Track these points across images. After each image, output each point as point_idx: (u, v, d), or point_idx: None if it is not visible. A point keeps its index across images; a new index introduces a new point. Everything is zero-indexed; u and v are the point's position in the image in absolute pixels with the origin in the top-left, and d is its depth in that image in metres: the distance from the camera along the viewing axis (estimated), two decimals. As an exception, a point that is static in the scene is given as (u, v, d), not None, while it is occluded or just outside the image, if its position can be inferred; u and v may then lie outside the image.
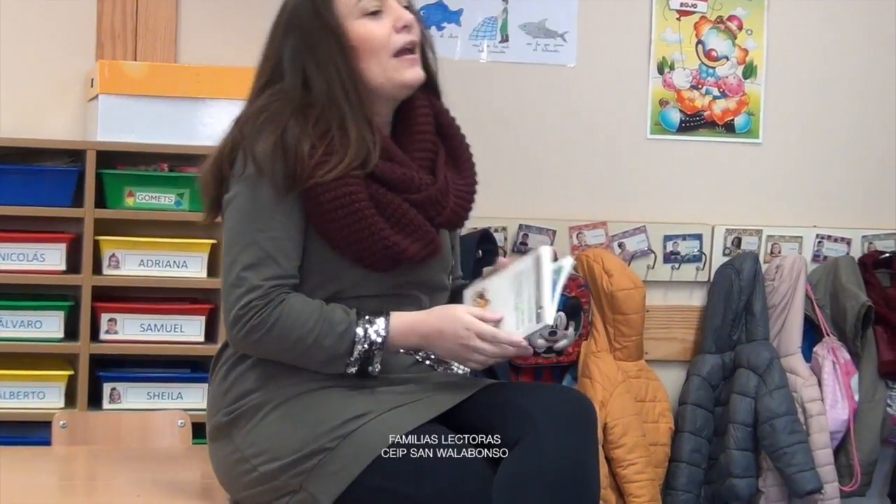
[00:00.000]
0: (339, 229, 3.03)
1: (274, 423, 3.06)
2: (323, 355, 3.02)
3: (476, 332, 3.02)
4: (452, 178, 3.19)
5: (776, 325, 5.48)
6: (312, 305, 3.03)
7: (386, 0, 3.11)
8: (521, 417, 2.98)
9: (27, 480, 3.49)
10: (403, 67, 3.11)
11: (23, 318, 4.76)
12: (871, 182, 5.79)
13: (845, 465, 5.45)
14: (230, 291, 3.04)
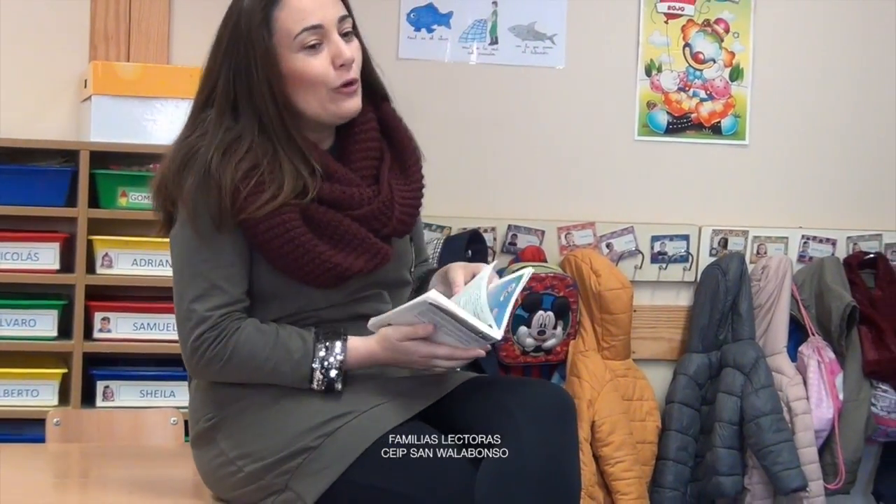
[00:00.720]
0: (280, 256, 3.04)
1: (257, 425, 3.07)
2: (286, 380, 3.04)
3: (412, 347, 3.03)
4: (398, 184, 3.18)
5: (762, 324, 5.49)
6: (267, 334, 3.04)
7: (326, 33, 3.06)
8: (501, 413, 2.99)
9: (21, 477, 3.50)
10: (340, 100, 3.09)
11: (17, 316, 4.77)
12: (857, 184, 5.80)
13: (830, 464, 5.46)
14: (182, 325, 3.07)
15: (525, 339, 5.21)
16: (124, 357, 4.89)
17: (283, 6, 3.04)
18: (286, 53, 3.05)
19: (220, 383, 3.12)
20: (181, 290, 3.07)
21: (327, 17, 3.06)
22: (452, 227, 5.24)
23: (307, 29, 3.03)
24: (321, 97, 3.08)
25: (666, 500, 5.38)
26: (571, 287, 5.29)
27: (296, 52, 3.05)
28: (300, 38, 3.04)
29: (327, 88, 3.07)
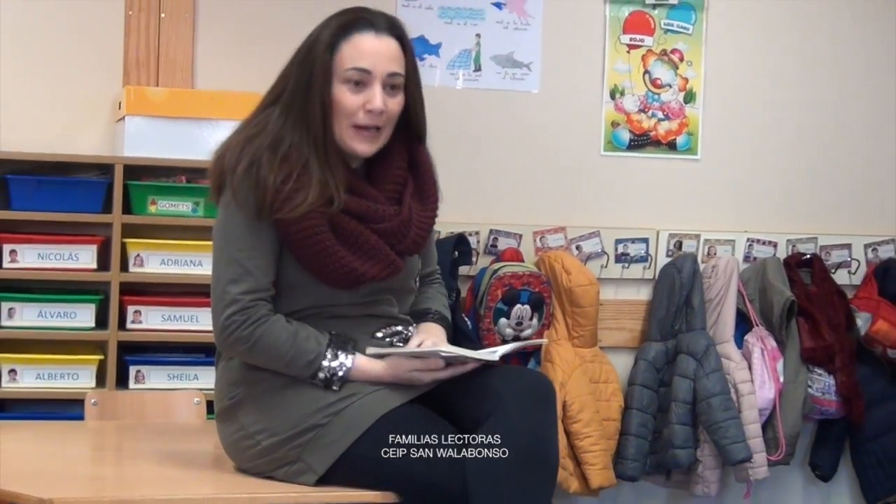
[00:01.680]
0: (306, 256, 3.05)
1: (274, 404, 3.08)
2: (294, 372, 3.06)
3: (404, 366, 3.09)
4: (416, 208, 3.20)
5: (712, 316, 5.49)
6: (288, 332, 3.05)
7: (371, 79, 3.07)
8: (490, 396, 3.00)
9: (63, 451, 3.50)
10: (357, 139, 3.11)
11: (60, 309, 4.77)
12: (795, 193, 5.81)
13: (772, 438, 5.46)
14: (216, 304, 3.09)
15: (505, 330, 5.21)
16: (154, 345, 4.89)
17: (351, 42, 3.08)
18: (335, 80, 3.07)
19: (242, 366, 3.13)
20: (218, 272, 3.10)
21: (378, 68, 3.08)
22: (441, 231, 5.23)
23: (356, 68, 3.06)
24: (343, 128, 3.09)
25: (628, 470, 5.38)
26: (545, 284, 5.28)
27: (341, 83, 3.07)
28: (348, 73, 3.06)
29: (349, 123, 3.08)
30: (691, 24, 5.69)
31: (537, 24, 5.55)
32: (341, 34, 3.09)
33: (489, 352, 3.11)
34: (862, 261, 5.81)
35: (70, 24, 5.09)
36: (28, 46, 5.06)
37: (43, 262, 4.75)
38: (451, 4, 5.46)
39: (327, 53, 3.07)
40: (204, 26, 5.22)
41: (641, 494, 5.67)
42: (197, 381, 4.79)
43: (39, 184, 4.77)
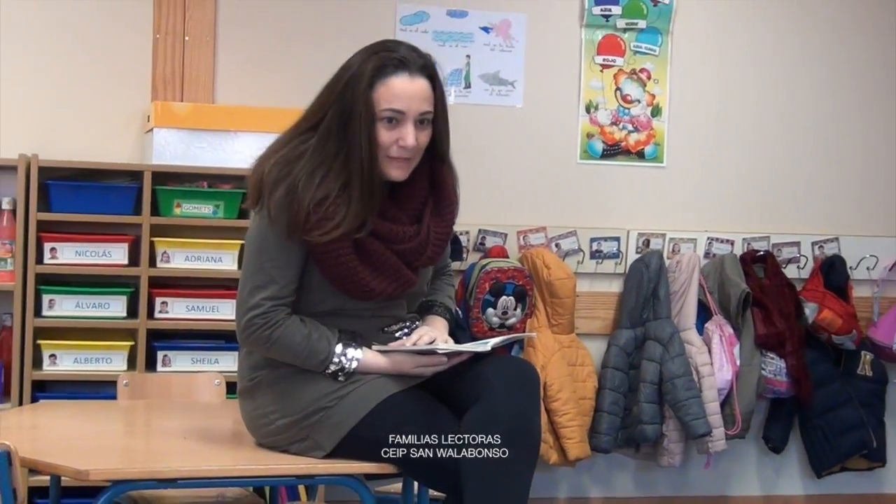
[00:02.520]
0: (329, 271, 3.04)
1: (287, 388, 3.08)
2: (307, 367, 3.06)
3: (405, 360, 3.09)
4: (435, 224, 3.18)
5: (676, 306, 5.49)
6: (303, 334, 3.04)
7: (405, 119, 3.03)
8: (480, 380, 3.00)
9: (99, 426, 3.50)
10: (392, 167, 3.07)
11: (95, 301, 4.77)
12: (750, 197, 5.81)
13: (729, 415, 5.46)
14: (240, 306, 3.08)
15: (492, 318, 5.21)
16: (179, 332, 4.88)
17: (386, 84, 3.02)
18: (376, 119, 3.02)
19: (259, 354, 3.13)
20: (245, 278, 3.08)
21: (411, 108, 3.04)
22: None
23: (391, 109, 3.02)
24: (380, 157, 3.04)
25: (602, 444, 5.38)
26: (528, 277, 5.28)
27: (378, 121, 3.02)
28: (384, 113, 3.01)
29: (383, 155, 3.05)
30: (658, 47, 5.69)
31: (521, 46, 5.55)
32: (377, 76, 3.02)
33: (481, 344, 3.11)
34: (809, 257, 5.81)
35: (104, 47, 5.09)
36: (67, 67, 5.07)
37: (80, 259, 4.75)
38: (444, 28, 5.46)
39: (367, 91, 3.01)
40: (223, 48, 5.22)
41: (613, 465, 5.68)
42: (217, 364, 4.79)
43: (77, 189, 4.77)
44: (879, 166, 5.95)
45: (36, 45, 5.05)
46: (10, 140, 4.95)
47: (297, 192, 2.98)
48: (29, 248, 4.69)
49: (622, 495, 5.72)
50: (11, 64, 5.02)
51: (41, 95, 5.05)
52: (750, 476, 5.86)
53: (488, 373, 3.01)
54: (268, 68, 5.19)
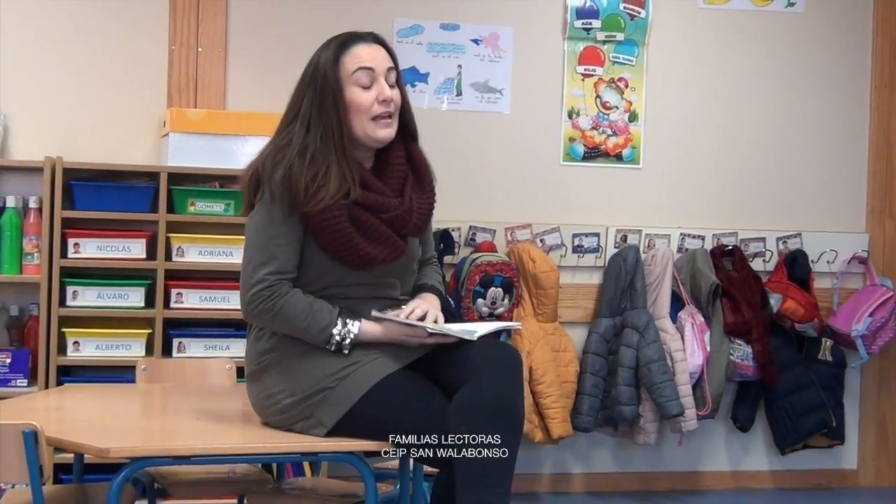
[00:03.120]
0: (328, 241, 3.06)
1: (292, 370, 3.09)
2: (312, 340, 3.06)
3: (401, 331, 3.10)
4: (416, 198, 3.20)
5: (651, 297, 5.50)
6: (306, 304, 3.06)
7: (376, 76, 3.10)
8: (467, 364, 3.00)
9: (119, 408, 3.50)
10: (378, 128, 3.12)
11: (115, 292, 4.77)
12: (719, 196, 5.82)
13: (700, 397, 5.46)
14: (245, 281, 3.09)
15: (482, 308, 5.21)
16: (193, 321, 4.88)
17: (349, 53, 3.11)
18: (347, 86, 3.09)
19: (269, 338, 3.13)
20: (249, 255, 3.10)
21: (378, 65, 3.12)
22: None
23: (361, 68, 3.09)
24: (364, 122, 3.11)
25: (583, 423, 5.38)
26: (515, 270, 5.29)
27: (352, 86, 3.09)
28: (355, 75, 3.09)
29: (369, 116, 3.10)
30: (634, 57, 5.69)
31: (508, 57, 5.55)
32: (341, 49, 3.12)
33: (469, 332, 3.10)
34: (774, 251, 5.81)
35: (124, 58, 5.10)
36: (89, 77, 5.08)
37: (101, 253, 4.75)
38: (437, 40, 5.46)
39: (334, 68, 3.09)
40: (234, 58, 5.23)
41: (593, 443, 5.69)
42: (228, 350, 4.79)
43: (98, 188, 4.77)
44: (839, 168, 5.96)
45: (61, 56, 5.06)
46: (36, 143, 4.96)
47: (292, 172, 3.03)
48: (54, 244, 4.68)
49: (602, 471, 5.72)
50: (38, 73, 5.03)
51: (65, 103, 5.06)
52: (719, 453, 5.87)
53: (475, 357, 3.01)
54: (275, 77, 5.19)
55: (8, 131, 4.96)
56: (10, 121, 4.97)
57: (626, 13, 5.64)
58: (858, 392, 6.01)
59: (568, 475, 5.69)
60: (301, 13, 5.30)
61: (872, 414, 6.02)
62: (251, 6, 5.26)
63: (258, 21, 5.27)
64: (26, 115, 5.01)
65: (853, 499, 5.76)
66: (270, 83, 5.18)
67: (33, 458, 2.77)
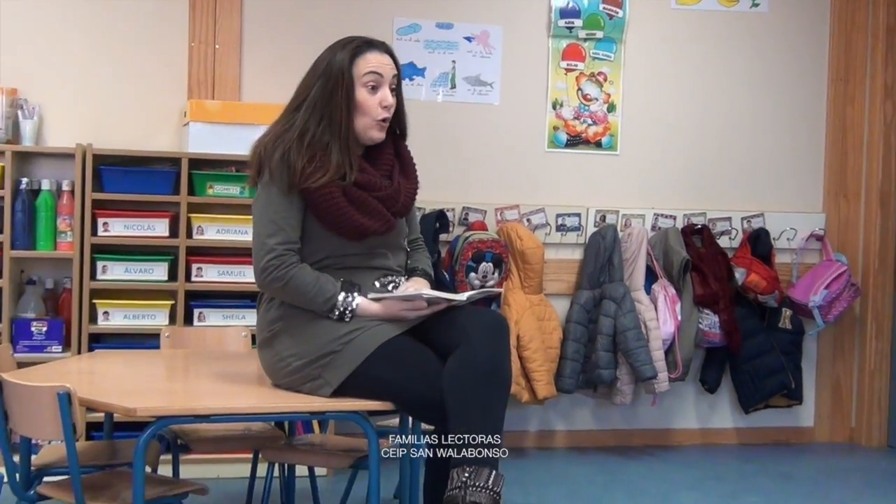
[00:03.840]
0: (325, 215, 3.09)
1: (300, 336, 3.10)
2: (315, 307, 3.09)
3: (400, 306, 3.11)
4: (403, 183, 3.25)
5: (628, 271, 5.50)
6: (313, 276, 3.08)
7: (382, 81, 3.14)
8: (460, 330, 3.02)
9: (144, 372, 3.51)
10: (375, 130, 3.17)
11: (140, 266, 4.76)
12: (690, 180, 5.81)
13: (672, 361, 5.48)
14: (257, 252, 3.13)
15: (474, 282, 5.22)
16: (212, 293, 4.88)
17: (363, 57, 3.15)
18: (357, 86, 3.13)
19: (278, 308, 3.14)
20: (259, 229, 3.13)
21: (385, 72, 3.16)
22: (427, 208, 5.24)
23: (372, 73, 3.13)
24: (365, 122, 3.16)
25: (565, 385, 5.39)
26: (504, 247, 5.29)
27: (362, 88, 3.13)
28: (366, 78, 3.12)
29: (371, 118, 3.14)
30: (613, 53, 5.68)
31: (498, 53, 5.54)
32: (356, 53, 3.15)
33: (458, 296, 3.13)
34: (739, 230, 5.82)
35: (148, 54, 5.09)
36: (116, 71, 5.07)
37: (128, 232, 4.75)
38: (433, 38, 5.44)
39: (349, 69, 3.12)
40: (248, 54, 5.21)
41: (575, 403, 5.70)
42: (244, 319, 4.79)
43: (125, 173, 4.76)
44: (798, 154, 5.96)
45: (91, 53, 5.05)
46: (68, 132, 4.96)
47: (290, 155, 3.07)
48: (85, 223, 4.68)
49: (582, 428, 5.74)
50: (71, 69, 5.03)
51: (95, 95, 5.05)
52: (689, 412, 5.89)
53: (466, 324, 3.02)
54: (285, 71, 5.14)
55: (43, 121, 4.95)
56: (45, 111, 4.96)
57: (606, 13, 5.63)
58: (815, 357, 6.02)
59: (552, 432, 5.71)
60: (309, 13, 5.29)
61: (827, 377, 6.04)
62: (264, 7, 5.25)
63: (270, 20, 5.26)
64: (60, 106, 5.00)
65: (810, 453, 5.78)
66: (281, 77, 5.14)
67: (67, 417, 2.78)
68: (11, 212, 4.66)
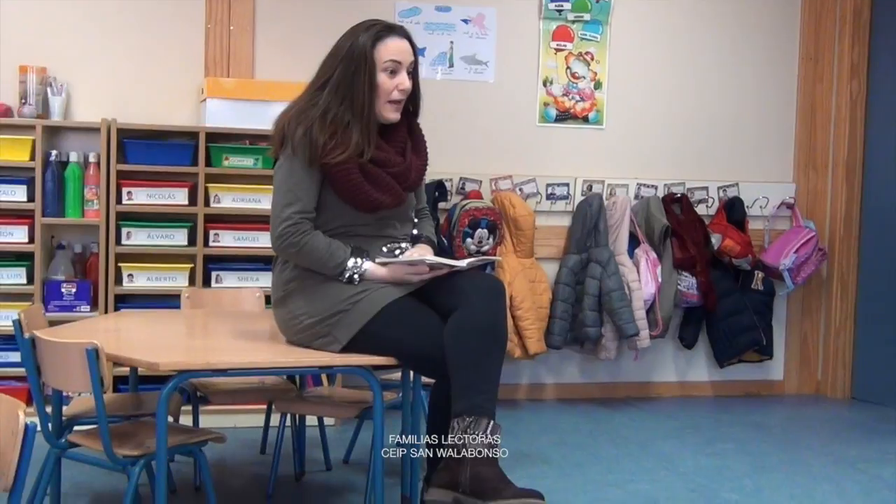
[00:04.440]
0: (342, 189, 3.08)
1: (312, 296, 3.10)
2: (327, 271, 3.09)
3: (404, 270, 3.11)
4: (414, 160, 3.24)
5: (612, 236, 5.50)
6: (325, 243, 3.08)
7: (400, 67, 3.13)
8: (458, 292, 3.02)
9: (166, 329, 3.51)
10: (390, 111, 3.15)
11: (162, 232, 4.75)
12: (669, 152, 5.80)
13: (653, 320, 5.48)
14: (275, 219, 3.12)
15: (470, 247, 5.21)
16: (228, 257, 4.87)
17: (385, 43, 3.12)
18: (378, 71, 3.10)
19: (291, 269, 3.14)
20: (278, 197, 3.12)
21: (404, 59, 3.14)
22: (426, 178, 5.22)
23: (391, 59, 3.11)
24: (382, 103, 3.14)
25: (555, 342, 5.40)
26: (498, 214, 5.28)
27: (381, 72, 3.11)
28: (386, 63, 3.10)
29: (386, 100, 3.13)
30: (599, 34, 5.65)
31: (492, 34, 5.51)
32: (378, 38, 3.12)
33: (459, 262, 3.13)
34: (715, 198, 5.81)
35: (168, 36, 5.06)
36: (139, 51, 5.05)
37: (150, 200, 4.74)
38: (432, 20, 5.41)
39: (371, 52, 3.10)
40: (261, 35, 5.18)
41: (563, 358, 5.71)
42: (258, 281, 4.78)
43: (147, 146, 4.75)
44: (771, 129, 5.95)
45: (115, 35, 5.02)
46: (94, 108, 4.94)
47: (313, 131, 3.05)
48: (111, 192, 4.67)
49: (570, 382, 5.75)
50: (96, 49, 5.00)
51: (119, 73, 5.02)
52: (668, 366, 5.90)
53: (466, 286, 3.02)
54: (295, 50, 5.15)
55: (70, 97, 4.93)
56: (73, 88, 4.94)
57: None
58: (784, 316, 6.03)
59: (542, 385, 5.72)
60: (317, -3, 5.27)
61: (796, 334, 6.06)
62: (275, -9, 5.23)
63: (281, 3, 5.22)
64: (86, 83, 4.98)
65: (779, 404, 5.80)
66: (291, 55, 5.15)
67: (95, 371, 2.78)
68: (42, 182, 4.64)
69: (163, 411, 2.83)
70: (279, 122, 3.16)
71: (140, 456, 2.91)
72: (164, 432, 2.83)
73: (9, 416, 1.85)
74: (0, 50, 4.88)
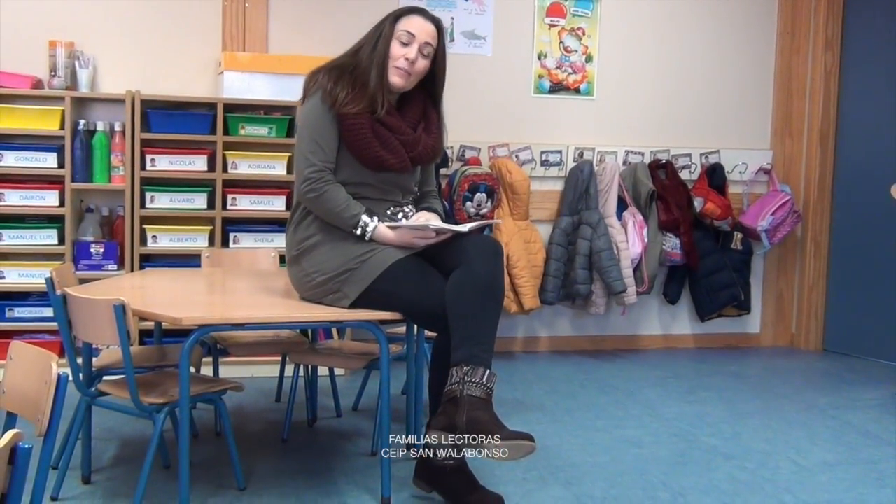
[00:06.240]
0: (353, 142, 3.08)
1: (323, 254, 3.10)
2: (341, 222, 3.08)
3: (409, 234, 3.10)
4: (425, 136, 3.22)
5: (602, 200, 5.49)
6: (344, 195, 3.08)
7: (413, 41, 3.13)
8: (459, 252, 3.01)
9: (188, 287, 3.51)
10: (395, 74, 3.13)
11: (183, 196, 4.74)
12: (655, 121, 5.79)
13: (639, 277, 5.49)
14: (299, 167, 3.13)
15: (469, 210, 5.20)
16: (244, 219, 4.86)
17: (407, 18, 3.16)
18: (393, 39, 3.13)
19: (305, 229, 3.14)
20: (301, 149, 3.14)
21: (420, 36, 3.14)
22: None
23: (405, 31, 3.13)
24: (388, 68, 3.14)
25: (548, 298, 5.41)
26: (496, 179, 5.27)
27: (395, 40, 3.13)
28: (400, 33, 3.12)
29: (392, 65, 3.13)
30: (590, 10, 5.61)
31: (490, 10, 5.47)
32: (402, 14, 3.17)
33: (462, 226, 3.12)
34: (698, 164, 5.80)
35: (188, 13, 5.03)
36: (161, 27, 5.01)
37: (172, 166, 4.72)
38: (434, -2, 5.40)
39: (392, 24, 3.14)
40: (275, 12, 5.15)
41: (556, 314, 5.72)
42: (272, 242, 4.78)
43: (169, 116, 4.72)
44: (750, 98, 5.93)
45: (138, 11, 4.99)
46: (120, 80, 4.92)
47: (336, 85, 3.09)
48: (135, 159, 4.65)
49: (562, 335, 5.77)
50: (121, 24, 4.97)
51: (143, 47, 4.99)
52: (653, 321, 5.91)
53: (466, 246, 3.02)
54: (307, 26, 5.13)
55: (97, 70, 4.91)
56: (99, 62, 4.91)
57: (584, -25, 5.56)
58: (762, 274, 6.04)
59: (536, 338, 5.74)
60: (327, -24, 5.23)
61: (772, 290, 6.06)
62: (287, -30, 5.19)
63: (293, -18, 5.20)
64: (112, 57, 4.95)
65: (756, 355, 5.82)
66: (304, 31, 5.13)
67: (122, 326, 2.78)
68: (71, 150, 4.63)
69: (185, 362, 2.84)
70: (312, 74, 3.19)
71: (164, 404, 2.92)
72: (186, 382, 2.84)
73: (42, 368, 1.86)
74: (31, 26, 4.85)
